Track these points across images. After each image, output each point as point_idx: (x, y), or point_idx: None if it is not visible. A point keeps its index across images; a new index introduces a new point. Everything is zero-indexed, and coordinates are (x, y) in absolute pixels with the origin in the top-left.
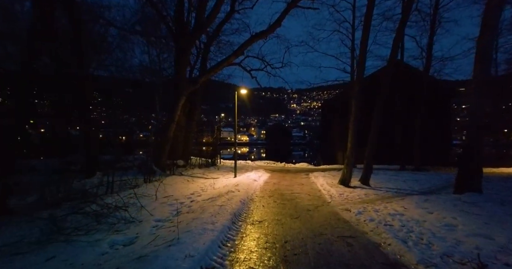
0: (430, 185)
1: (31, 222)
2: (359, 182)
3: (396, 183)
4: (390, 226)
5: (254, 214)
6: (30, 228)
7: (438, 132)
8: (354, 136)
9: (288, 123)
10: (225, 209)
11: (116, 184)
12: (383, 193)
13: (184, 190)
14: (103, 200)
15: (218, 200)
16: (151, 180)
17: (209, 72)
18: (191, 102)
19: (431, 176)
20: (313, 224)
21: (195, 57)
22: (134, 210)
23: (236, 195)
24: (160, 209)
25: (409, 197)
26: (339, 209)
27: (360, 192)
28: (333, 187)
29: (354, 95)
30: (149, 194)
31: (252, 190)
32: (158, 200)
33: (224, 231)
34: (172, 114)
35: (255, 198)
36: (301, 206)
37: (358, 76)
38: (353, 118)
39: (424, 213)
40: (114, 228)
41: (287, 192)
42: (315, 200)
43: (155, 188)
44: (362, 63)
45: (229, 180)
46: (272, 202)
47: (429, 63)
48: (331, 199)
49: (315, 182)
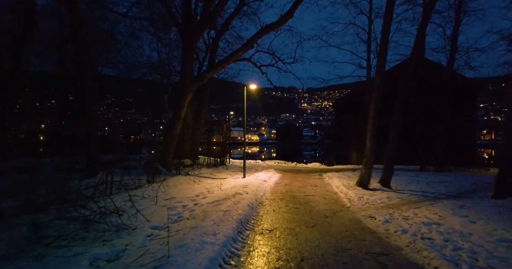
0: (458, 187)
1: (11, 229)
2: (379, 184)
3: (419, 185)
4: (430, 241)
5: (263, 220)
6: (8, 237)
7: (461, 131)
8: (373, 133)
9: (299, 123)
10: (230, 215)
11: (117, 185)
12: (407, 196)
13: (189, 191)
14: (97, 203)
15: (224, 203)
16: (155, 181)
17: (216, 66)
18: (199, 100)
19: (456, 177)
20: (333, 235)
21: (204, 54)
22: (131, 214)
23: (244, 198)
24: (159, 214)
25: (439, 202)
26: (361, 216)
27: (381, 195)
28: (350, 189)
29: (375, 88)
30: (150, 196)
31: (262, 192)
32: (159, 202)
33: (228, 243)
34: (178, 111)
35: (265, 201)
36: (317, 211)
37: (379, 67)
38: (373, 114)
39: (465, 223)
40: (103, 237)
41: (300, 194)
42: (332, 204)
43: (158, 189)
44: (383, 52)
45: (238, 180)
46: (284, 206)
47: (453, 56)
48: (350, 203)
49: (330, 183)
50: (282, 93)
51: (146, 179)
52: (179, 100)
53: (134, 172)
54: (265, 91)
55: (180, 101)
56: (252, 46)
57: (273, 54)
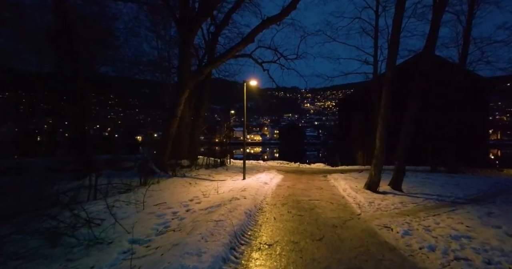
0: (476, 190)
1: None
2: (389, 187)
3: (433, 188)
4: (468, 263)
5: (262, 231)
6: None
7: (473, 131)
8: (384, 131)
9: (302, 123)
10: (223, 226)
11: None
12: (422, 201)
13: (183, 195)
14: (72, 212)
15: (218, 211)
16: (147, 183)
17: (215, 61)
18: (198, 97)
19: (471, 179)
20: (345, 252)
21: (203, 51)
22: (110, 224)
23: (241, 204)
24: (143, 223)
25: (461, 208)
26: (375, 226)
27: (393, 200)
28: (359, 193)
29: (386, 82)
30: (139, 200)
31: (262, 196)
32: (147, 208)
33: (215, 267)
34: (174, 109)
35: (265, 207)
36: (324, 219)
37: (390, 60)
38: (384, 110)
39: (502, 236)
40: (69, 254)
41: (304, 198)
42: (340, 210)
43: (149, 193)
44: (395, 42)
45: (237, 182)
46: (286, 213)
47: (466, 50)
48: (360, 209)
49: (336, 186)
50: (285, 93)
51: (138, 181)
52: (175, 97)
53: (128, 173)
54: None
55: (177, 98)
56: (253, 39)
57: (275, 50)
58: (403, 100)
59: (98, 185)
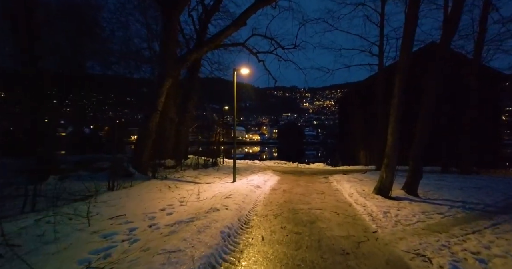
0: (503, 195)
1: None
2: (403, 191)
3: (453, 192)
4: None
5: (242, 262)
6: None
7: (486, 130)
8: (397, 125)
9: (301, 122)
10: (179, 262)
11: (60, 193)
12: (448, 210)
13: (154, 202)
14: None
15: (183, 230)
16: (118, 186)
17: (201, 46)
18: (185, 89)
19: (490, 181)
20: None
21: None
22: (25, 251)
23: (219, 218)
24: (74, 251)
25: (502, 221)
26: (403, 253)
27: (412, 209)
28: (368, 199)
29: (400, 69)
30: (92, 211)
31: (251, 203)
32: (97, 224)
33: None
34: (154, 101)
35: (252, 220)
36: (329, 239)
37: (407, 40)
38: (397, 101)
39: None
40: None
41: (303, 206)
42: (349, 225)
43: (112, 201)
44: (414, 15)
45: (225, 186)
46: (279, 229)
47: (482, 40)
48: (375, 222)
49: (340, 190)
50: (284, 93)
51: (107, 184)
52: (156, 88)
53: (102, 174)
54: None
55: (158, 88)
56: (245, 22)
57: (271, 38)
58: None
59: (47, 191)
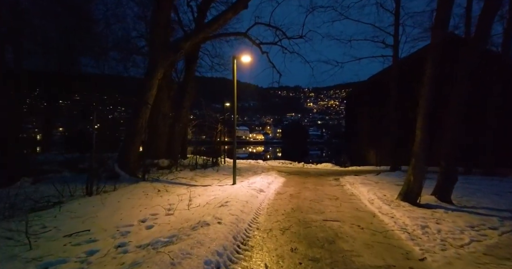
0: None
1: None
2: (433, 197)
3: (490, 197)
4: None
5: None
6: None
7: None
8: (427, 119)
9: (305, 122)
10: None
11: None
12: (499, 223)
13: (134, 211)
14: None
15: (156, 260)
16: (99, 190)
17: (196, 33)
18: (180, 83)
19: None
20: None
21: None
22: None
23: (209, 237)
24: None
25: None
26: None
27: (454, 221)
28: (393, 206)
29: (433, 50)
30: (48, 226)
31: (252, 213)
32: (45, 244)
33: None
34: (143, 94)
35: (253, 237)
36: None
37: (443, 11)
38: (427, 91)
39: None
40: None
41: (316, 217)
42: (382, 246)
43: (83, 209)
44: None
45: (223, 189)
46: (288, 252)
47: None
48: (415, 243)
49: (356, 195)
50: (288, 92)
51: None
52: (146, 79)
53: (84, 176)
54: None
55: (147, 80)
56: (246, 5)
57: (276, 28)
58: None
59: (4, 197)
